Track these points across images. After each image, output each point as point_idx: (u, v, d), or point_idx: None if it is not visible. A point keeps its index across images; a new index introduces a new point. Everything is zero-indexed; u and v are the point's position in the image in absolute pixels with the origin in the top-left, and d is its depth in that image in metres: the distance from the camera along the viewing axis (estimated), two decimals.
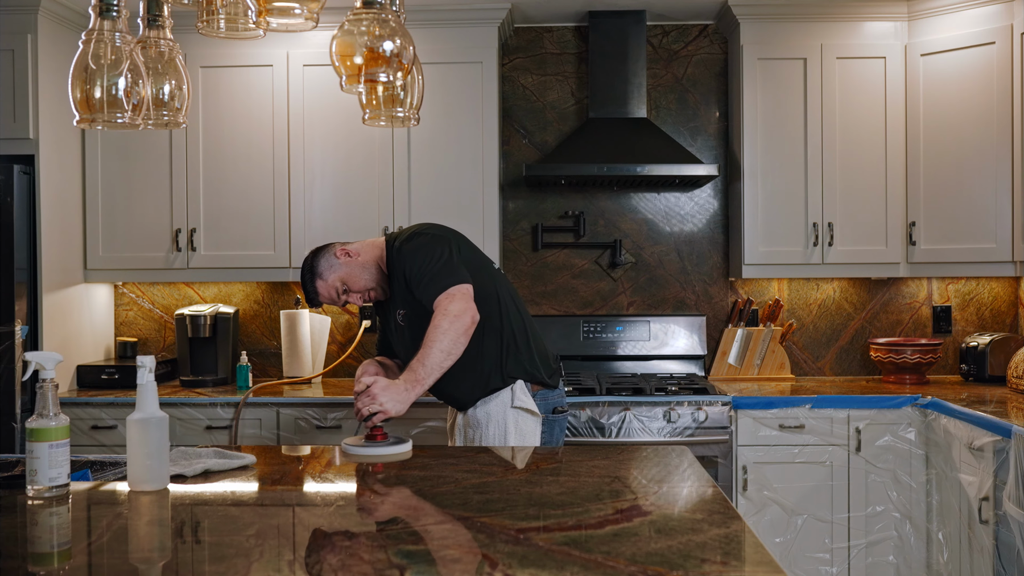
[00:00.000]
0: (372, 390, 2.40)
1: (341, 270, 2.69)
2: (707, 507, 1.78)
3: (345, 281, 2.69)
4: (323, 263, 2.71)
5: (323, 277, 2.70)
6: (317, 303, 2.76)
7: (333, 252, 2.72)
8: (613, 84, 4.05)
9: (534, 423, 2.68)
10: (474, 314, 2.51)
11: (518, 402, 2.66)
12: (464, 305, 2.49)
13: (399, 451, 2.34)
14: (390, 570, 1.40)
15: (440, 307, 2.49)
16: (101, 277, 4.01)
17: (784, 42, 3.88)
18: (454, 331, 2.46)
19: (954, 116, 3.74)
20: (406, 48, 1.96)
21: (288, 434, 3.64)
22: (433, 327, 2.46)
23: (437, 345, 2.44)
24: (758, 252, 3.89)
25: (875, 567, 3.55)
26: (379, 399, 2.39)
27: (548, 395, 2.76)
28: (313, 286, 2.71)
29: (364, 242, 2.78)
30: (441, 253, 2.59)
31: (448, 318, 2.46)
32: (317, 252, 2.75)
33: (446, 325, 2.45)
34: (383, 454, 2.33)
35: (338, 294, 2.71)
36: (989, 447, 2.98)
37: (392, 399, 2.40)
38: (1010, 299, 4.15)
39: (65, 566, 1.48)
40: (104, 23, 2.03)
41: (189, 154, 3.93)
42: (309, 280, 2.71)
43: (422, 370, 2.44)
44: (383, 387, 2.41)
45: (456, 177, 3.89)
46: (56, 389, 1.88)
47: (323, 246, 2.78)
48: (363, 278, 2.70)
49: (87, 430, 3.66)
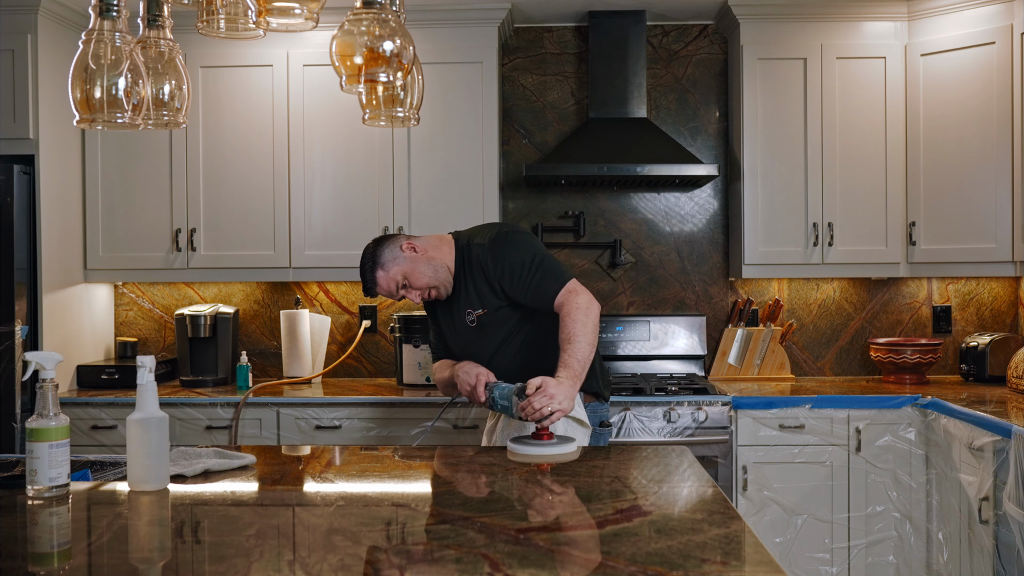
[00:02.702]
0: (549, 389, 2.32)
1: (405, 264, 2.62)
2: (707, 507, 1.78)
3: (407, 276, 2.62)
4: (387, 254, 2.64)
5: (385, 268, 2.63)
6: (373, 294, 2.68)
7: (399, 244, 2.65)
8: (613, 84, 4.05)
9: (583, 434, 2.61)
10: (598, 305, 2.52)
11: (572, 411, 2.60)
12: (589, 296, 2.51)
13: (568, 451, 2.28)
14: (390, 570, 1.40)
15: (568, 302, 2.48)
16: (101, 277, 4.01)
17: (784, 42, 3.88)
18: (591, 323, 2.46)
19: (954, 116, 3.74)
20: (406, 48, 1.96)
21: (288, 434, 3.64)
22: (572, 321, 2.44)
23: (583, 338, 2.43)
24: (758, 252, 3.89)
25: (875, 567, 3.55)
26: (557, 398, 2.31)
27: (598, 408, 2.73)
28: (373, 275, 2.64)
29: (430, 237, 2.72)
30: (540, 250, 2.59)
31: (582, 311, 2.46)
32: (381, 241, 2.68)
33: (583, 318, 2.45)
34: (555, 454, 2.26)
35: (397, 288, 2.64)
36: (989, 447, 2.98)
37: (566, 396, 2.34)
38: (1010, 299, 4.15)
39: (65, 566, 1.48)
40: (104, 23, 2.03)
41: (189, 154, 3.93)
42: (370, 269, 2.64)
43: (577, 365, 2.40)
44: (556, 385, 2.34)
45: (456, 177, 3.89)
46: (56, 389, 1.88)
47: (388, 235, 2.72)
48: (427, 275, 2.62)
49: (87, 430, 3.66)
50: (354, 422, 3.61)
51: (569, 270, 2.59)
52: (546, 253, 2.61)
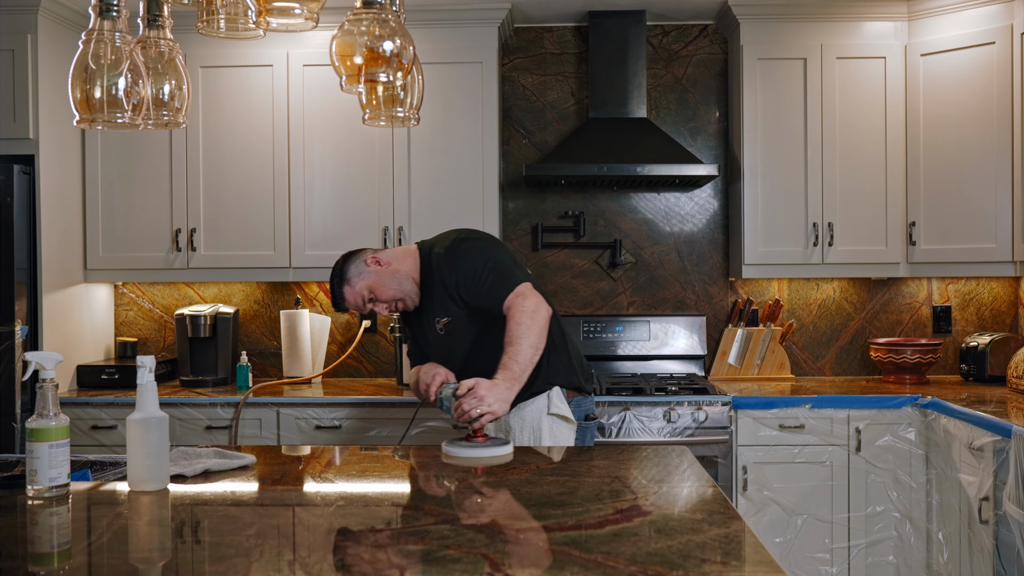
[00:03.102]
0: (478, 391, 2.34)
1: (370, 278, 2.64)
2: (707, 507, 1.78)
3: (372, 289, 2.64)
4: (352, 269, 2.66)
5: (351, 283, 2.65)
6: (343, 308, 2.71)
7: (364, 259, 2.67)
8: (613, 84, 4.05)
9: (568, 430, 2.63)
10: (548, 308, 2.52)
11: (554, 408, 2.62)
12: (538, 300, 2.50)
13: (502, 452, 2.28)
14: (390, 570, 1.40)
15: (515, 305, 2.49)
16: (101, 277, 4.01)
17: (784, 42, 3.88)
18: (536, 326, 2.46)
19: (954, 116, 3.74)
20: (406, 48, 1.96)
21: (288, 434, 3.64)
22: (516, 324, 2.45)
23: (525, 340, 2.43)
24: (758, 252, 3.89)
25: (875, 567, 3.55)
26: (487, 400, 2.33)
27: (582, 401, 2.73)
28: (340, 291, 2.66)
29: (396, 250, 2.74)
30: (493, 256, 2.60)
31: (527, 313, 2.46)
32: (348, 257, 2.70)
33: (528, 321, 2.45)
34: (488, 455, 2.27)
35: (364, 302, 2.66)
36: (989, 447, 2.98)
37: (498, 399, 2.35)
38: (1010, 299, 4.15)
39: (65, 566, 1.48)
40: (104, 23, 2.03)
41: (189, 154, 3.93)
42: (337, 284, 2.66)
43: (517, 367, 2.40)
44: (488, 388, 2.35)
45: (456, 177, 3.89)
46: (56, 389, 1.88)
47: (355, 251, 2.73)
48: (392, 288, 2.64)
49: (87, 430, 3.66)
50: (354, 422, 3.61)
51: (525, 275, 2.58)
52: (501, 258, 2.61)
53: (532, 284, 2.56)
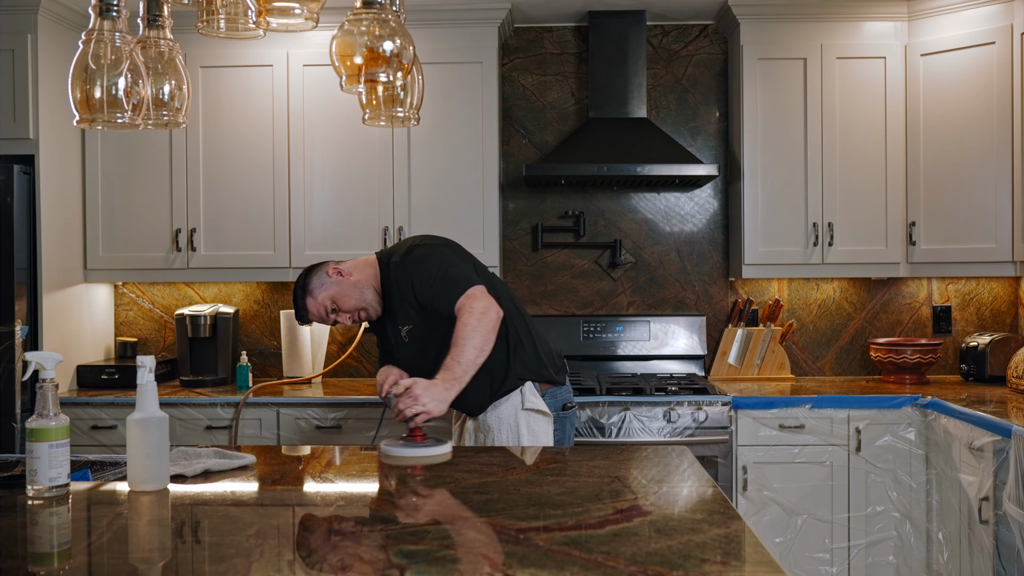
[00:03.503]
0: (414, 391, 2.39)
1: (332, 289, 2.69)
2: (707, 507, 1.78)
3: (335, 300, 2.69)
4: (315, 281, 2.71)
5: (313, 295, 2.70)
6: (307, 320, 2.76)
7: (326, 271, 2.72)
8: (613, 84, 4.05)
9: (546, 423, 2.68)
10: (498, 310, 2.54)
11: (528, 404, 2.66)
12: (487, 302, 2.53)
13: (440, 452, 2.31)
14: (390, 570, 1.40)
15: (464, 308, 2.51)
16: (101, 277, 4.01)
17: (784, 42, 3.88)
18: (483, 328, 2.48)
19: (954, 116, 3.74)
20: (406, 48, 1.96)
21: (288, 434, 3.64)
22: (462, 325, 2.48)
23: (470, 342, 2.46)
24: (758, 252, 3.89)
25: (875, 567, 3.55)
26: (422, 399, 2.38)
27: (557, 392, 2.76)
28: (303, 303, 2.71)
29: (356, 261, 2.78)
30: (446, 259, 2.63)
31: (475, 315, 2.49)
32: (310, 270, 2.75)
33: (474, 323, 2.48)
34: (425, 455, 2.29)
35: (327, 312, 2.71)
36: (989, 447, 2.98)
37: (434, 399, 2.40)
38: (1010, 299, 4.15)
39: (65, 566, 1.48)
40: (104, 23, 2.03)
41: (189, 154, 3.94)
42: (300, 297, 2.72)
43: (458, 368, 2.44)
44: (424, 387, 2.40)
45: (456, 177, 3.90)
46: (56, 389, 1.88)
47: (317, 264, 2.78)
48: (353, 297, 2.69)
49: (87, 430, 3.66)
50: (354, 422, 3.61)
51: (478, 278, 2.62)
52: (455, 262, 2.64)
53: (485, 287, 2.59)
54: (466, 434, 2.77)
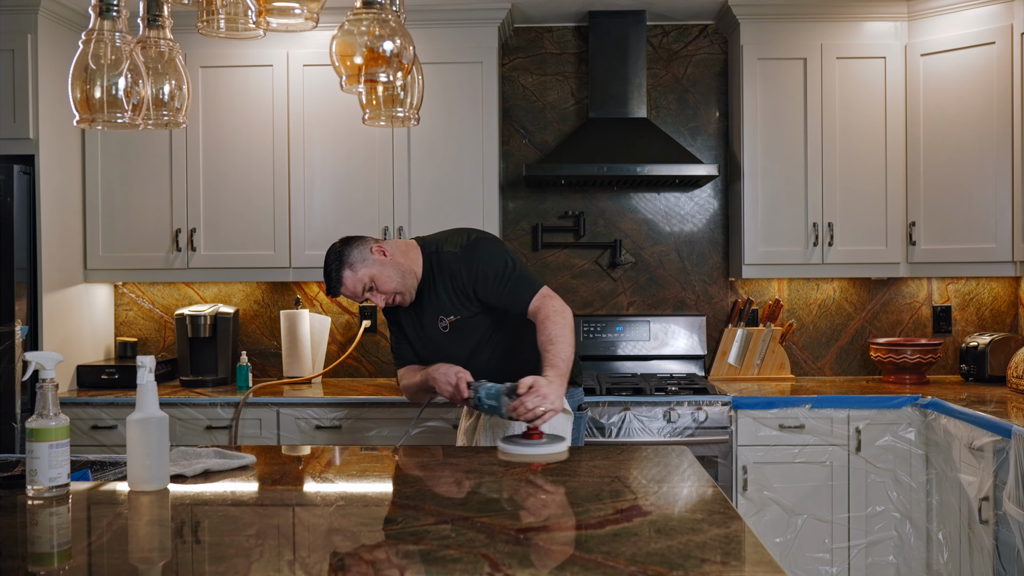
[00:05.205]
0: (541, 389, 2.35)
1: (374, 267, 2.59)
2: (707, 507, 1.78)
3: (375, 279, 2.59)
4: (356, 254, 2.59)
5: (353, 268, 2.58)
6: (336, 293, 2.63)
7: (369, 247, 2.61)
8: (613, 84, 4.05)
9: (566, 421, 2.67)
10: (570, 309, 2.58)
11: None
12: (561, 302, 2.58)
13: (559, 450, 2.31)
14: (390, 570, 1.40)
15: (545, 306, 2.54)
16: (101, 277, 4.01)
17: (784, 42, 3.88)
18: (568, 326, 2.52)
19: (954, 116, 3.74)
20: (406, 48, 1.96)
21: (288, 434, 3.64)
22: (552, 324, 2.49)
23: (564, 340, 2.48)
24: (758, 252, 3.89)
25: (875, 567, 3.55)
26: (550, 397, 2.34)
27: (574, 393, 2.77)
28: (339, 274, 2.58)
29: (397, 242, 2.69)
30: (510, 258, 2.63)
31: (559, 314, 2.52)
32: (349, 241, 2.63)
33: (562, 321, 2.51)
34: (545, 453, 2.29)
35: (364, 290, 2.60)
36: (989, 447, 2.98)
37: (557, 396, 2.38)
38: (1010, 299, 4.15)
39: (65, 566, 1.48)
40: (104, 23, 2.03)
41: (189, 154, 3.93)
42: (336, 268, 2.59)
43: (563, 364, 2.44)
44: (547, 384, 2.37)
45: (456, 177, 3.90)
46: (56, 389, 1.88)
47: (356, 236, 2.67)
48: (395, 280, 2.60)
49: (87, 430, 3.66)
50: (354, 422, 3.61)
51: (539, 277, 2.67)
52: (517, 259, 2.65)
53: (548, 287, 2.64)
54: (482, 431, 2.71)
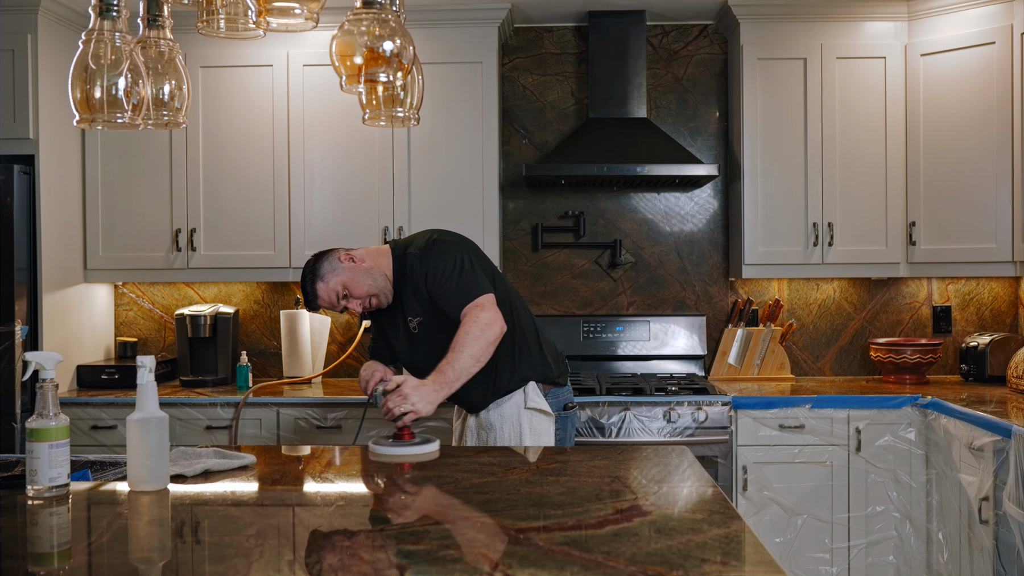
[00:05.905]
0: (403, 389, 2.40)
1: (344, 274, 2.65)
2: (707, 507, 1.78)
3: (347, 286, 2.65)
4: (326, 266, 2.67)
5: (324, 280, 2.66)
6: (316, 307, 2.72)
7: (337, 256, 2.69)
8: (613, 84, 4.05)
9: (547, 423, 2.69)
10: (502, 325, 2.55)
11: (531, 403, 2.68)
12: (493, 315, 2.54)
13: (427, 451, 2.33)
14: (390, 570, 1.40)
15: (470, 315, 2.53)
16: (101, 277, 4.01)
17: (784, 42, 3.88)
18: (484, 339, 2.49)
19: (954, 116, 3.74)
20: (406, 48, 1.96)
21: (288, 434, 3.64)
22: (464, 333, 2.49)
23: (467, 351, 2.47)
24: (758, 252, 3.89)
25: (875, 567, 3.55)
26: (411, 399, 2.39)
27: (559, 393, 2.78)
28: (313, 288, 2.67)
29: (368, 248, 2.76)
30: (461, 262, 2.61)
31: (479, 326, 2.50)
32: (320, 255, 2.72)
33: (476, 332, 2.49)
34: (412, 454, 2.31)
35: (338, 298, 2.67)
36: (989, 447, 2.98)
37: (423, 399, 2.41)
38: (1010, 299, 4.15)
39: (65, 566, 1.48)
40: (104, 23, 2.03)
41: (189, 154, 3.94)
42: (310, 282, 2.67)
43: (451, 372, 2.45)
44: (414, 387, 2.41)
45: (456, 177, 3.90)
46: (56, 389, 1.88)
47: (326, 250, 2.75)
48: (366, 284, 2.66)
49: (87, 430, 3.66)
50: (354, 422, 3.61)
51: (490, 287, 2.61)
52: (471, 264, 2.62)
53: (495, 297, 2.59)
54: (467, 432, 2.77)
